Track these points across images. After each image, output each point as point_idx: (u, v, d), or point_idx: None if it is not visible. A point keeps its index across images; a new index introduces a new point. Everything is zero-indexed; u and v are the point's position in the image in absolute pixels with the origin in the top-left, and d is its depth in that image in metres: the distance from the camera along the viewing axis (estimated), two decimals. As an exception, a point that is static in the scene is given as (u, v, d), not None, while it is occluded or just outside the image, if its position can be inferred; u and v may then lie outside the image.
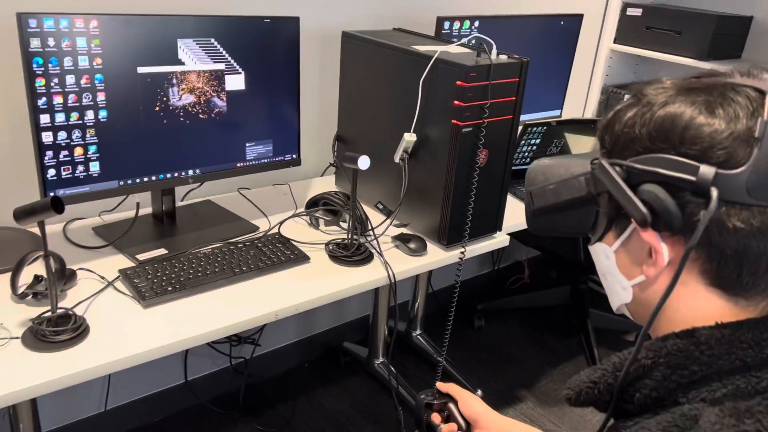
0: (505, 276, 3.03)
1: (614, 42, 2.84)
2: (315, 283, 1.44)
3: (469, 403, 1.05)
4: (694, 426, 0.57)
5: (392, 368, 2.33)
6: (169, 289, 1.33)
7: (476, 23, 1.98)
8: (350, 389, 2.29)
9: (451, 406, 1.07)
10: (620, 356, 0.66)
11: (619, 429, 0.62)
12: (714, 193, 0.57)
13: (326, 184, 1.99)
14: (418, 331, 2.48)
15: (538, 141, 2.13)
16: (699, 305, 0.63)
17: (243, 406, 2.16)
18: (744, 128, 0.58)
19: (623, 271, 0.69)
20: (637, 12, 2.77)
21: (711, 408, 0.58)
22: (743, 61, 2.69)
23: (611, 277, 0.71)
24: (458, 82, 1.47)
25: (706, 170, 0.58)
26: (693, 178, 0.58)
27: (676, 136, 0.61)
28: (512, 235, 1.76)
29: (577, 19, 2.25)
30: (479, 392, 2.26)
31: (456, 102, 1.49)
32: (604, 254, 0.70)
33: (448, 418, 1.07)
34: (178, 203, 1.71)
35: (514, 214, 1.87)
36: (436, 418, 1.08)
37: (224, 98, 1.54)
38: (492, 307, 2.77)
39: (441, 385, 1.10)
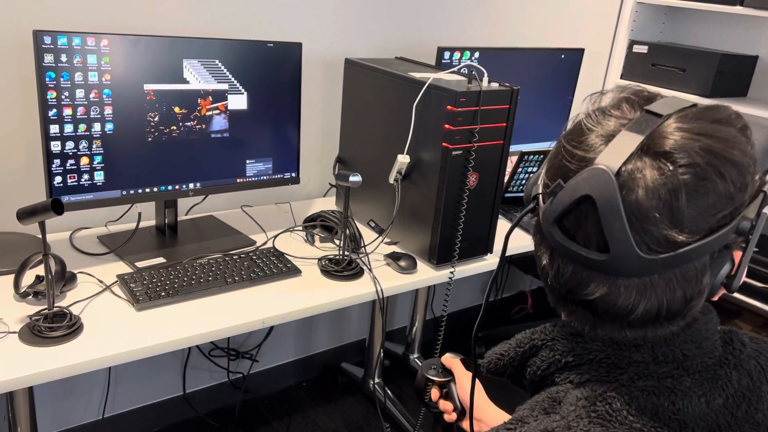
0: (509, 306, 3.05)
1: (621, 77, 2.90)
2: (304, 295, 1.49)
3: (466, 389, 1.06)
4: (556, 407, 0.61)
5: (379, 383, 2.35)
6: (162, 294, 1.39)
7: (476, 54, 2.05)
8: (345, 409, 2.32)
9: (453, 386, 1.09)
10: (524, 333, 0.73)
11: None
12: None
13: (327, 204, 2.05)
14: (416, 355, 2.50)
15: (534, 169, 2.17)
16: None
17: (238, 421, 2.19)
18: None
19: None
20: (643, 49, 2.83)
21: (574, 390, 0.63)
22: (749, 100, 2.72)
23: None
24: (448, 107, 1.53)
25: None
26: None
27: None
28: (515, 264, 1.79)
29: (578, 53, 2.31)
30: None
31: (446, 126, 1.55)
32: None
33: (447, 394, 1.09)
34: (182, 217, 1.79)
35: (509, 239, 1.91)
36: (435, 393, 1.10)
37: (226, 117, 1.62)
38: (491, 335, 2.78)
39: (446, 361, 1.11)
